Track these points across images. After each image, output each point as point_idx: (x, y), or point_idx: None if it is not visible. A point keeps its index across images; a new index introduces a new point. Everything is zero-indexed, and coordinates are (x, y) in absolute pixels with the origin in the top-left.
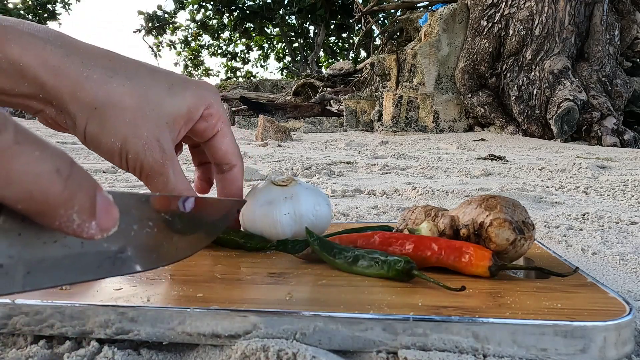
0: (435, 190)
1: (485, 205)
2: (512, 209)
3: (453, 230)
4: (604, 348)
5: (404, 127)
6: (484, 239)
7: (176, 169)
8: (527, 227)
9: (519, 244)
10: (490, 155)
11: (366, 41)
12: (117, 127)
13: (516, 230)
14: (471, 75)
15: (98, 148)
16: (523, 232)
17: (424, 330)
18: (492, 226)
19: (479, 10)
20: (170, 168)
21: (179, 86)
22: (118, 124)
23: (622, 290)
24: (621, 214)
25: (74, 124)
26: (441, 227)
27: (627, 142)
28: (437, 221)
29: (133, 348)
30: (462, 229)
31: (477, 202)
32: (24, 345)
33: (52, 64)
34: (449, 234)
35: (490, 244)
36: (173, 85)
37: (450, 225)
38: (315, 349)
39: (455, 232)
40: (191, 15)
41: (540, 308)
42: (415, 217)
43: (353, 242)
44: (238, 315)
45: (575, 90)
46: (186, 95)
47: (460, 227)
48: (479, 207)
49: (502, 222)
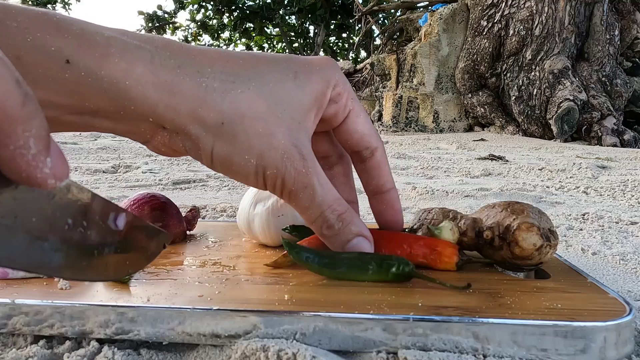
0: (435, 190)
1: (511, 209)
2: (539, 216)
3: (475, 232)
4: (604, 348)
5: (404, 127)
6: (509, 242)
7: (321, 176)
8: (553, 235)
9: (545, 250)
10: (490, 155)
11: (366, 41)
12: (250, 142)
13: (543, 237)
14: (471, 75)
15: (229, 170)
16: (549, 239)
17: (424, 330)
18: (519, 230)
19: (479, 10)
20: (315, 177)
21: (304, 73)
22: (251, 138)
23: (622, 290)
24: (621, 214)
25: (196, 147)
26: (463, 227)
27: (627, 142)
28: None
29: (133, 348)
30: (486, 231)
31: (502, 206)
32: (23, 345)
33: (164, 79)
34: (470, 235)
35: (516, 248)
36: (297, 73)
37: (473, 227)
38: (315, 349)
39: (477, 233)
40: (191, 15)
41: (540, 308)
42: (433, 218)
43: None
44: (238, 315)
45: (575, 90)
46: (313, 83)
47: (483, 229)
48: (504, 211)
49: (530, 226)
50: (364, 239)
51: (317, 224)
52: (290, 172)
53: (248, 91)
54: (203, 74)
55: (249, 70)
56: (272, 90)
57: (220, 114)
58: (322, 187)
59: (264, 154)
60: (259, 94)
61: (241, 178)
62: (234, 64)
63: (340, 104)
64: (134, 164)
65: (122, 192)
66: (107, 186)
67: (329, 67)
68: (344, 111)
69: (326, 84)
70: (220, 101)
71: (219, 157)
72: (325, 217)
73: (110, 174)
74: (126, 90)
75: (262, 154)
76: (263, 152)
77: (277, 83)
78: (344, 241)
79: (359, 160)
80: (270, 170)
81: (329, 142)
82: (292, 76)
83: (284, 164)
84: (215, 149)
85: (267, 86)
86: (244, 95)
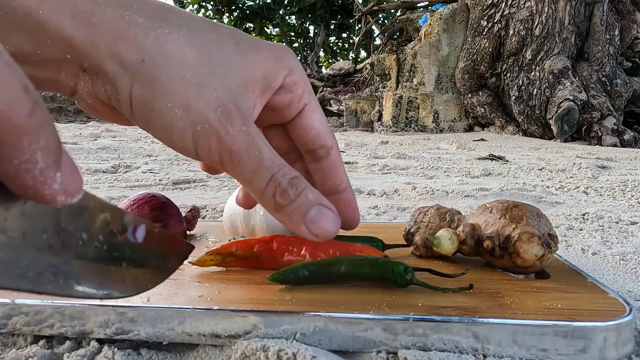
0: (435, 190)
1: (510, 215)
2: (538, 220)
3: (475, 240)
4: (604, 348)
5: (404, 127)
6: (510, 252)
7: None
8: (553, 240)
9: (546, 258)
10: (490, 155)
11: (366, 41)
12: (174, 87)
13: (544, 245)
14: (471, 75)
15: (150, 123)
16: (550, 246)
17: (424, 330)
18: (520, 241)
19: (479, 10)
20: (260, 137)
21: (248, 44)
22: (176, 83)
23: (622, 290)
24: (621, 214)
25: (115, 90)
26: (462, 236)
27: (627, 142)
28: (455, 228)
29: (133, 348)
30: (486, 241)
31: (500, 212)
32: (23, 345)
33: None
34: (470, 244)
35: (518, 259)
36: (241, 41)
37: (472, 235)
38: (315, 349)
39: (477, 241)
40: None
41: (540, 308)
42: (429, 221)
43: (251, 247)
44: (238, 315)
45: (575, 90)
46: (260, 56)
47: (483, 237)
48: (503, 218)
49: (530, 236)
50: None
51: (269, 191)
52: (227, 128)
53: (177, 34)
54: (127, 7)
55: (182, 18)
56: (206, 44)
57: (140, 51)
58: (269, 147)
59: (192, 105)
60: (190, 41)
61: (165, 135)
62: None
63: (295, 94)
64: (134, 164)
65: (122, 192)
66: (107, 186)
67: (285, 51)
68: (299, 103)
69: (280, 64)
70: (143, 37)
71: (138, 103)
72: (277, 180)
73: (110, 174)
74: (40, 21)
75: (189, 104)
76: (190, 102)
77: (213, 41)
78: (303, 212)
79: (313, 160)
80: (201, 124)
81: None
82: (233, 42)
83: (218, 119)
84: (134, 91)
85: (199, 38)
86: (171, 36)
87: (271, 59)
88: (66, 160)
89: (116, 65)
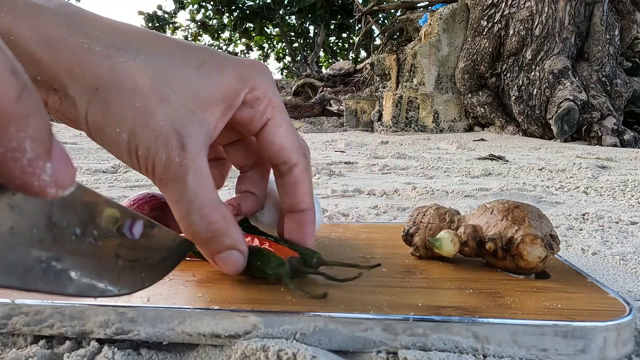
0: (435, 190)
1: (511, 217)
2: (539, 221)
3: (476, 242)
4: (604, 348)
5: (404, 127)
6: (512, 254)
7: (199, 174)
8: (555, 241)
9: (548, 259)
10: (490, 155)
11: (366, 41)
12: (123, 114)
13: (547, 247)
14: (471, 75)
15: (103, 143)
16: (552, 247)
17: (424, 330)
18: (523, 243)
19: (479, 10)
20: (190, 172)
21: (213, 65)
22: (124, 110)
23: (622, 290)
24: (621, 214)
25: (76, 111)
26: (463, 237)
27: (627, 142)
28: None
29: (133, 348)
30: (489, 243)
31: (502, 213)
32: (23, 345)
33: (48, 34)
34: (471, 245)
35: (521, 262)
36: (205, 63)
37: (473, 237)
38: (315, 349)
39: (479, 243)
40: (191, 16)
41: (540, 308)
42: (429, 221)
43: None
44: (238, 315)
45: (575, 90)
46: (222, 78)
47: (485, 239)
48: (505, 219)
49: (533, 238)
50: (238, 253)
51: (183, 225)
52: (161, 157)
53: (132, 62)
54: (89, 35)
55: (144, 44)
56: (164, 69)
57: (95, 78)
58: (197, 185)
59: (137, 131)
60: (145, 69)
61: (116, 153)
62: (130, 36)
63: (257, 110)
64: None
65: (122, 192)
66: (107, 186)
67: (253, 68)
68: (261, 119)
69: (242, 83)
70: (99, 65)
71: (92, 125)
72: (191, 221)
73: (110, 174)
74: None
75: (135, 130)
76: (136, 128)
77: (173, 65)
78: (213, 252)
79: (278, 175)
80: (141, 149)
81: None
82: (195, 63)
83: (156, 146)
84: (89, 115)
85: (158, 64)
86: (126, 64)
87: (233, 79)
88: (57, 150)
89: (76, 91)
